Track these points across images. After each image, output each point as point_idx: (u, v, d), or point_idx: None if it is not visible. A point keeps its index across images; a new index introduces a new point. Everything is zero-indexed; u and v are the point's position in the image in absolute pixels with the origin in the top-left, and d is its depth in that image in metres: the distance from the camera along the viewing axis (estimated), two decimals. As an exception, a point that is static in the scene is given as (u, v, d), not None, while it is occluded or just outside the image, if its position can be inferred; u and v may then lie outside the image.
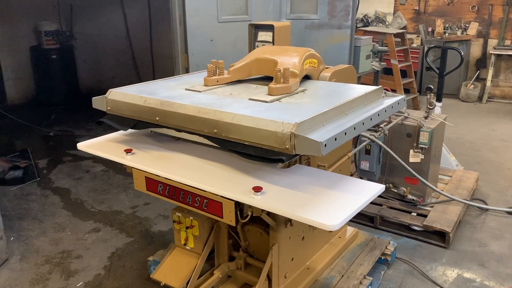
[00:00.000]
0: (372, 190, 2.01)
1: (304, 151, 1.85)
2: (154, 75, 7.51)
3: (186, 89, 2.57)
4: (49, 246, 3.72)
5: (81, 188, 4.78)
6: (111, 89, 2.55)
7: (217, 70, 2.66)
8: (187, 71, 4.11)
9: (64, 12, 8.30)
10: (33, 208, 4.36)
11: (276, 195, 1.95)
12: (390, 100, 2.50)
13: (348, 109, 2.22)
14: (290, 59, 2.61)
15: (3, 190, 4.68)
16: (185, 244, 2.80)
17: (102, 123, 2.53)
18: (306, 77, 2.79)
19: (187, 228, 2.74)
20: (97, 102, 2.58)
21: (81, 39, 8.34)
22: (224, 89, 2.57)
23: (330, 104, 2.14)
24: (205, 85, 2.61)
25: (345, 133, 1.98)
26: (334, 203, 1.90)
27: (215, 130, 2.11)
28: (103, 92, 2.56)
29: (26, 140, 6.22)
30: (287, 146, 1.87)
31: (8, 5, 7.58)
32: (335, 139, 1.89)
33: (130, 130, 2.64)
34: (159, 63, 7.46)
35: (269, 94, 2.37)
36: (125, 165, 2.41)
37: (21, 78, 8.00)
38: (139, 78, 7.83)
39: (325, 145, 1.80)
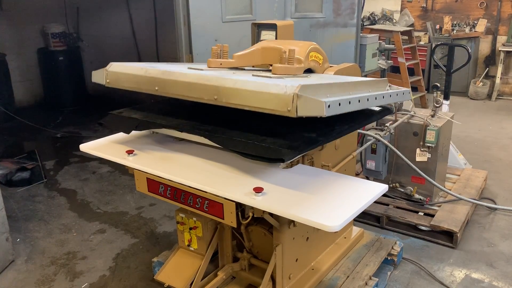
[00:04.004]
0: (375, 190, 1.98)
1: (307, 112, 1.77)
2: (160, 76, 7.51)
3: (188, 68, 2.53)
4: (55, 247, 3.73)
5: (87, 189, 4.80)
6: (112, 62, 2.53)
7: (222, 54, 2.62)
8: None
9: (70, 14, 8.34)
10: (39, 209, 4.38)
11: (277, 195, 1.93)
12: (395, 90, 2.46)
13: (353, 90, 2.15)
14: (295, 48, 2.57)
15: (10, 191, 4.71)
16: (188, 245, 2.79)
17: (102, 124, 2.53)
18: (310, 72, 2.75)
19: (190, 229, 2.73)
20: (97, 76, 2.53)
21: (88, 41, 8.37)
22: (227, 71, 2.53)
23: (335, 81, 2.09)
24: (208, 67, 2.57)
25: (349, 102, 1.92)
26: (335, 203, 1.87)
27: (215, 97, 2.03)
28: (109, 93, 2.56)
29: (34, 142, 6.26)
30: (289, 108, 1.78)
31: (15, 8, 7.63)
32: (339, 104, 1.82)
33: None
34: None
35: (273, 73, 2.35)
36: (127, 166, 2.40)
37: (29, 80, 8.05)
38: (145, 79, 7.84)
39: (329, 106, 1.73)
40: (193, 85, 2.12)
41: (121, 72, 2.44)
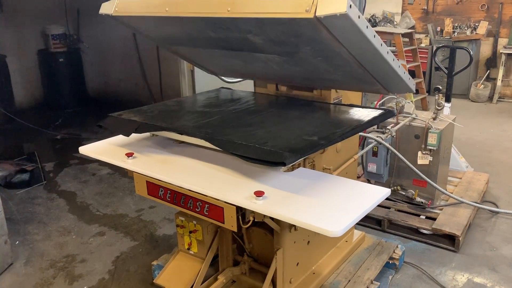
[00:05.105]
0: (377, 194, 1.96)
1: (327, 10, 1.73)
2: (160, 77, 7.50)
3: None
4: (54, 250, 3.71)
5: (86, 191, 4.78)
6: None
7: None
8: (192, 72, 4.09)
9: (71, 16, 8.33)
10: (38, 211, 4.36)
11: (278, 199, 1.91)
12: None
13: None
14: None
15: (9, 193, 4.69)
16: (188, 249, 2.76)
17: (102, 126, 2.52)
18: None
19: (190, 232, 2.70)
20: (105, 7, 2.54)
21: (88, 42, 8.36)
22: None
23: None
24: None
25: (367, 27, 1.87)
26: (337, 208, 1.85)
27: (229, 9, 2.01)
28: (110, 95, 2.54)
29: (34, 144, 6.24)
30: (307, 9, 1.76)
31: (15, 9, 7.62)
32: (359, 16, 1.78)
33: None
34: (165, 65, 7.45)
35: None
36: (127, 169, 2.38)
37: (29, 81, 8.04)
38: (145, 80, 7.82)
39: (350, 6, 1.69)
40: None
41: None
